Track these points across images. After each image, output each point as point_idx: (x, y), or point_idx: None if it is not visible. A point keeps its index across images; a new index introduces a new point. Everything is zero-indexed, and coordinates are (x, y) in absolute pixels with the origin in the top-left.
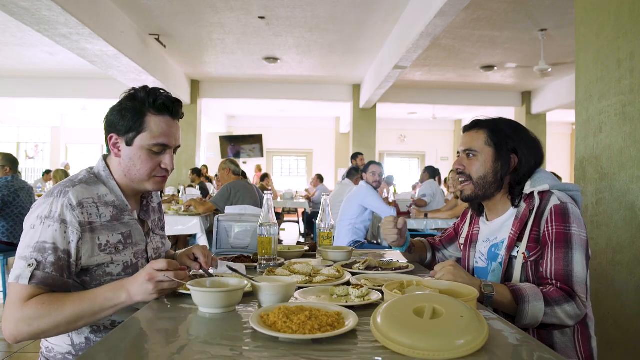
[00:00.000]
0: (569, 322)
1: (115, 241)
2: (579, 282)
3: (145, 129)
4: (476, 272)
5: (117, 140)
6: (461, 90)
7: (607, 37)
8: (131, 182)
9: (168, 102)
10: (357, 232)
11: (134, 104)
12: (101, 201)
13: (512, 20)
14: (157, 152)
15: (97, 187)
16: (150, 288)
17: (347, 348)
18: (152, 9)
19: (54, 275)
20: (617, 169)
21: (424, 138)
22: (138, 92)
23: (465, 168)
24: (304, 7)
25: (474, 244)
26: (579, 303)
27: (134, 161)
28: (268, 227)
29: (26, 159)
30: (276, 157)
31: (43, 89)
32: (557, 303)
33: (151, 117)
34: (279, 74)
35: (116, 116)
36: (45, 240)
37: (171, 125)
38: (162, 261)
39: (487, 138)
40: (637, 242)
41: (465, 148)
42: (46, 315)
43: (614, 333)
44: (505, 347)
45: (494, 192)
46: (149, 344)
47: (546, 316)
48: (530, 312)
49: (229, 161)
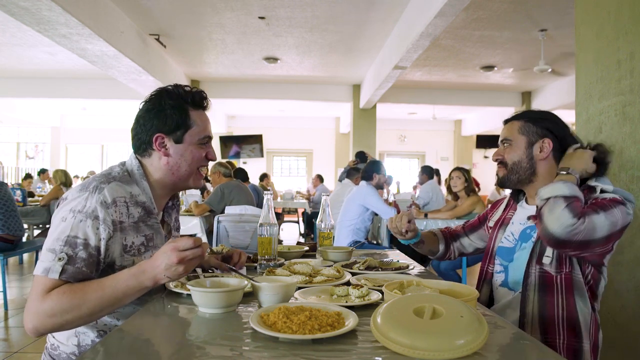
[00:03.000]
0: (554, 226)
1: (139, 243)
2: (595, 221)
3: (192, 124)
4: (499, 252)
5: (163, 140)
6: (461, 90)
7: (607, 37)
8: (178, 179)
9: (203, 96)
10: (358, 233)
11: (175, 102)
12: (132, 201)
13: (512, 20)
14: (204, 145)
15: (130, 186)
16: (181, 270)
17: (347, 348)
18: (152, 9)
19: (84, 271)
20: (617, 169)
21: (424, 138)
22: (173, 90)
23: (502, 157)
24: (304, 7)
25: (504, 227)
26: (580, 217)
27: (185, 157)
28: (268, 227)
29: (26, 159)
30: (276, 157)
31: (43, 89)
32: (573, 209)
33: (193, 112)
34: (279, 74)
35: (157, 117)
36: (77, 235)
37: (207, 118)
38: (187, 239)
39: (520, 127)
40: (637, 242)
41: (502, 138)
42: (69, 308)
43: (614, 333)
44: (505, 347)
45: (530, 176)
46: (149, 344)
47: (552, 204)
48: (550, 189)
49: (218, 165)
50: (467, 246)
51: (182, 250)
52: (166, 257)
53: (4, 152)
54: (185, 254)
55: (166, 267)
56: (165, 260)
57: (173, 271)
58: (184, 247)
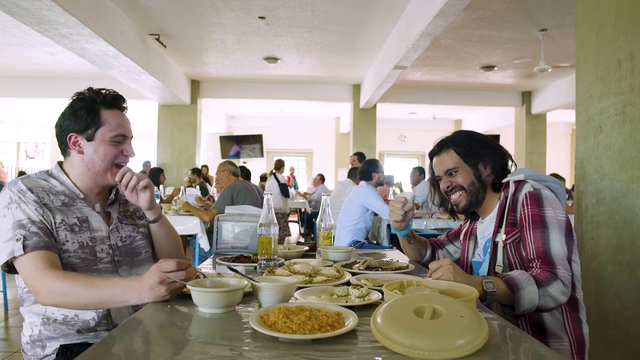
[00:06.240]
0: (562, 299)
1: (72, 223)
2: (557, 258)
3: (103, 122)
4: (474, 265)
5: (77, 139)
6: (461, 90)
7: (607, 37)
8: (95, 174)
9: (116, 96)
10: (358, 233)
11: (85, 102)
12: (51, 190)
13: (512, 20)
14: (118, 142)
15: (46, 180)
16: (163, 291)
17: (347, 348)
18: (152, 9)
19: (44, 240)
20: (617, 169)
21: (424, 138)
22: (85, 93)
23: (452, 183)
24: (304, 7)
25: (473, 237)
26: (563, 278)
27: (98, 153)
28: (268, 227)
29: (26, 158)
30: (276, 157)
31: (43, 89)
32: (547, 283)
33: (104, 111)
34: (279, 74)
35: (70, 118)
36: (21, 219)
37: (123, 117)
38: (171, 262)
39: (459, 153)
40: (637, 242)
41: (446, 169)
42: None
43: (614, 333)
44: (505, 347)
45: (482, 195)
46: (149, 344)
47: (540, 298)
48: (526, 297)
49: (227, 163)
50: (453, 253)
51: (166, 272)
52: (151, 277)
53: (4, 152)
54: (168, 276)
55: (150, 287)
56: (150, 280)
57: (156, 291)
58: (166, 269)
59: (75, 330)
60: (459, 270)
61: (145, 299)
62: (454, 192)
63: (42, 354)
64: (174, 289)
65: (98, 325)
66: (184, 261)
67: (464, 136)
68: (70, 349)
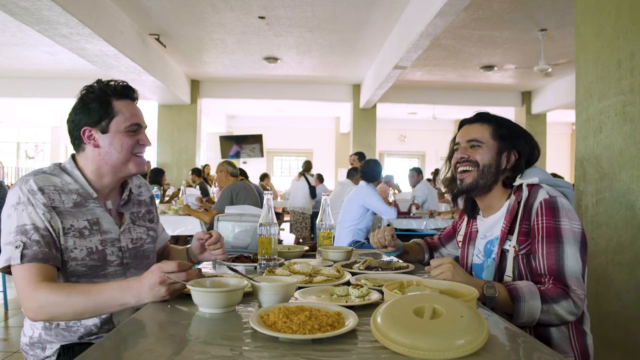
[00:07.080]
0: (568, 318)
1: (81, 227)
2: (571, 276)
3: (117, 113)
4: (474, 268)
5: (91, 132)
6: (461, 90)
7: (607, 37)
8: (113, 167)
9: (126, 86)
10: (358, 233)
11: (95, 94)
12: (64, 189)
13: (512, 20)
14: (133, 132)
15: (59, 176)
16: (163, 291)
17: (347, 348)
18: (152, 9)
19: (44, 251)
20: (617, 169)
21: (424, 138)
22: (94, 85)
23: (469, 156)
24: (304, 7)
25: (472, 241)
26: (576, 298)
27: (114, 145)
28: (268, 227)
29: (26, 158)
30: (276, 157)
31: (43, 89)
32: (555, 300)
33: (116, 102)
34: (279, 74)
35: (82, 111)
36: (25, 223)
37: (135, 107)
38: (172, 263)
39: (493, 132)
40: (637, 242)
41: (470, 138)
42: (55, 303)
43: (614, 333)
44: (505, 347)
45: (491, 184)
46: (149, 344)
47: (544, 314)
48: (526, 310)
49: (226, 163)
50: (447, 255)
51: (167, 272)
52: (151, 277)
53: (4, 152)
54: (169, 276)
55: (150, 286)
56: (150, 280)
57: (156, 291)
58: (167, 270)
59: (77, 337)
60: (459, 269)
61: (144, 299)
62: (466, 165)
63: (42, 355)
64: (173, 290)
65: (100, 330)
66: (185, 262)
67: (508, 121)
68: (71, 348)
